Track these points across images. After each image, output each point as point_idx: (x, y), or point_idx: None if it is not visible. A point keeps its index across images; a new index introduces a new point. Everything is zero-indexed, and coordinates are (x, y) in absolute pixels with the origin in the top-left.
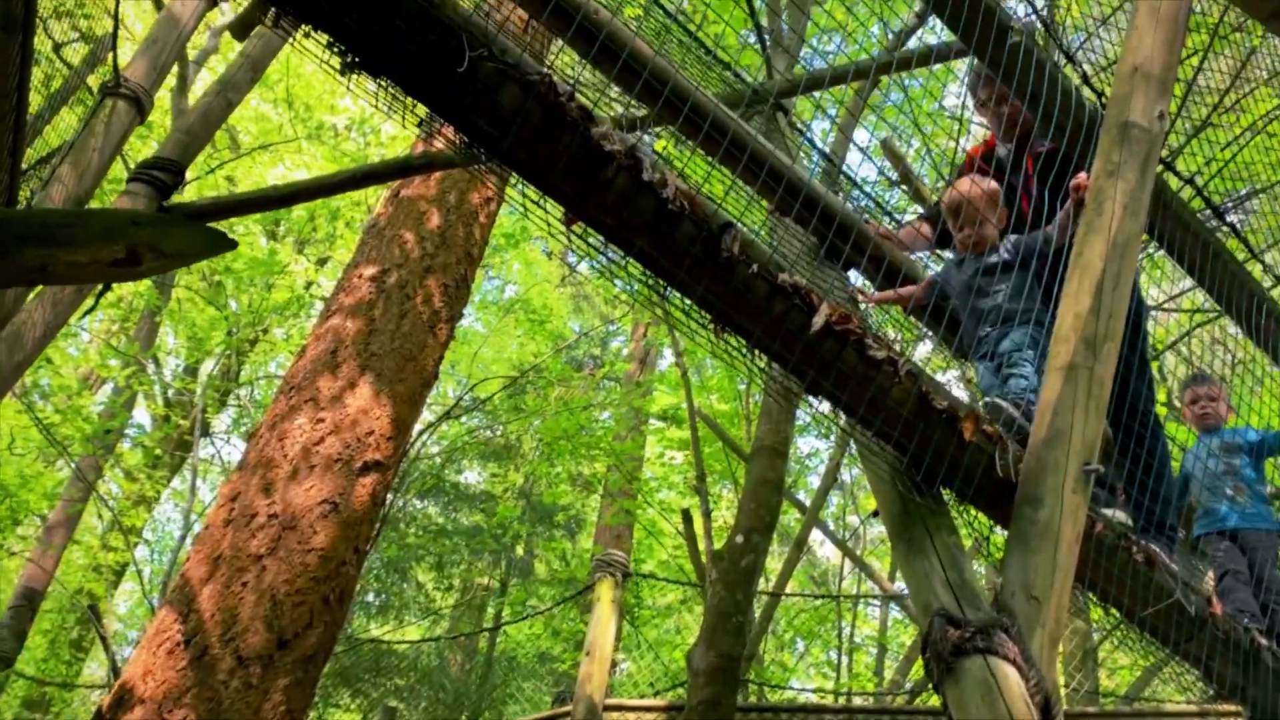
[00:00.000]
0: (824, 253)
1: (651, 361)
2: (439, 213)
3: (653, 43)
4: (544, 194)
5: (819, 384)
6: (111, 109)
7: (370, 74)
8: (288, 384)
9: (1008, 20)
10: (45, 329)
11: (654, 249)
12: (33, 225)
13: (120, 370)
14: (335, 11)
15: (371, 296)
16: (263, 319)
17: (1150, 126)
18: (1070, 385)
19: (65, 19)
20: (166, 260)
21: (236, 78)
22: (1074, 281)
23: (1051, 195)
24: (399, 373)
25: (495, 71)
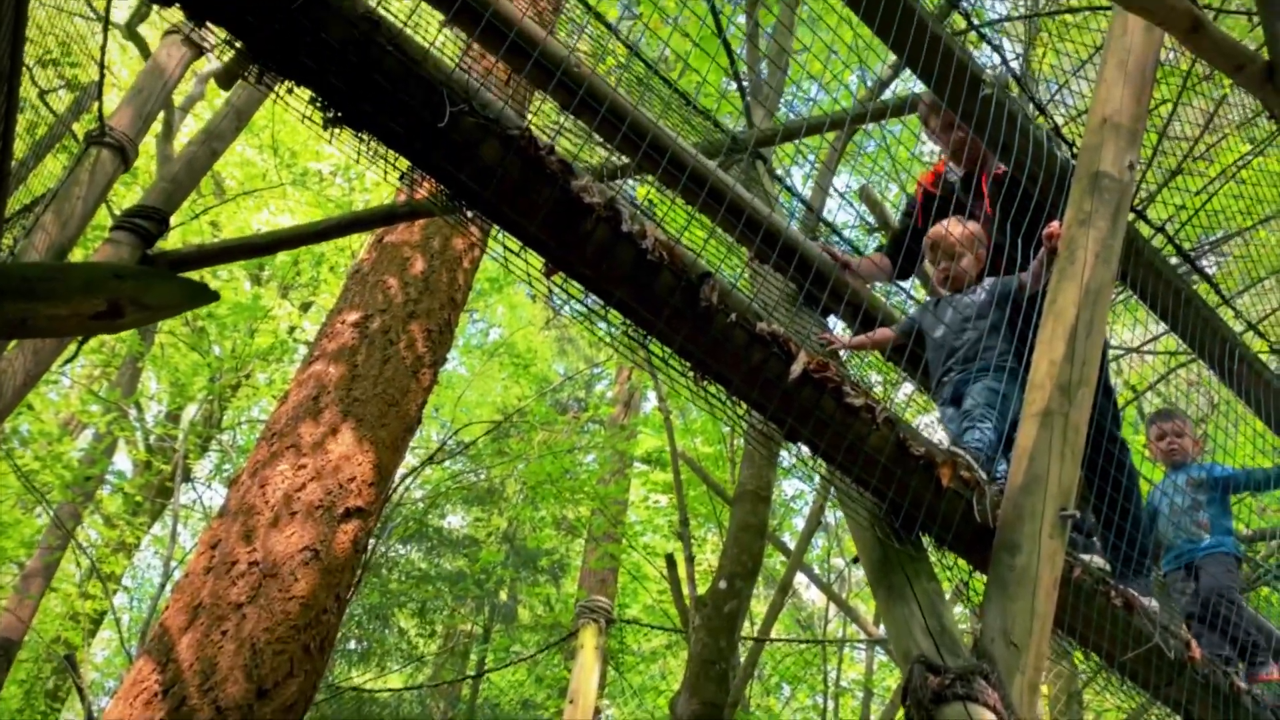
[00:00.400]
0: (802, 299)
1: (636, 404)
2: (423, 258)
3: (633, 91)
4: (525, 245)
5: (797, 431)
6: (96, 157)
7: (353, 129)
8: (269, 430)
9: (979, 73)
10: (26, 377)
11: (633, 299)
12: (12, 279)
13: (101, 416)
14: (318, 70)
15: (355, 342)
16: (246, 364)
17: (1121, 176)
18: (1046, 431)
19: (51, 67)
20: (148, 313)
21: (221, 127)
22: (1048, 328)
23: (1013, 227)
24: (382, 418)
25: (476, 126)
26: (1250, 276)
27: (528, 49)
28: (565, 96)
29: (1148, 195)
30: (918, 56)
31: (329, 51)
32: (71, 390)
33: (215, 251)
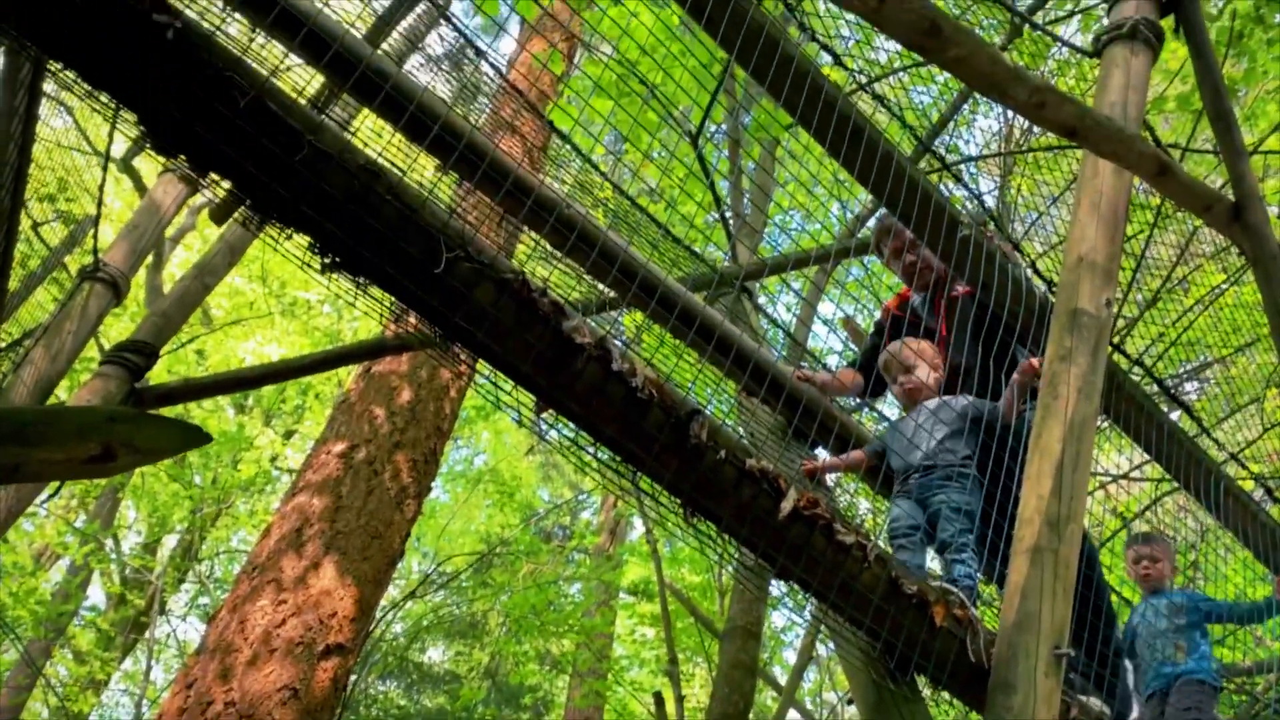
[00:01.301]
0: (791, 433)
1: (621, 532)
2: (410, 388)
3: (620, 228)
4: (516, 384)
5: (789, 569)
6: (89, 292)
7: (349, 274)
8: (251, 564)
9: (957, 215)
10: (7, 514)
11: (623, 435)
12: (7, 424)
13: (78, 548)
14: (318, 218)
15: (339, 473)
16: (228, 495)
17: (1098, 314)
18: (1037, 568)
19: (47, 201)
20: (141, 456)
21: (214, 261)
22: (1034, 464)
23: (982, 348)
24: (364, 551)
25: (471, 271)
26: (1232, 404)
27: (521, 196)
28: (557, 238)
29: (1126, 324)
30: (896, 197)
31: (330, 201)
32: (47, 521)
33: (203, 385)
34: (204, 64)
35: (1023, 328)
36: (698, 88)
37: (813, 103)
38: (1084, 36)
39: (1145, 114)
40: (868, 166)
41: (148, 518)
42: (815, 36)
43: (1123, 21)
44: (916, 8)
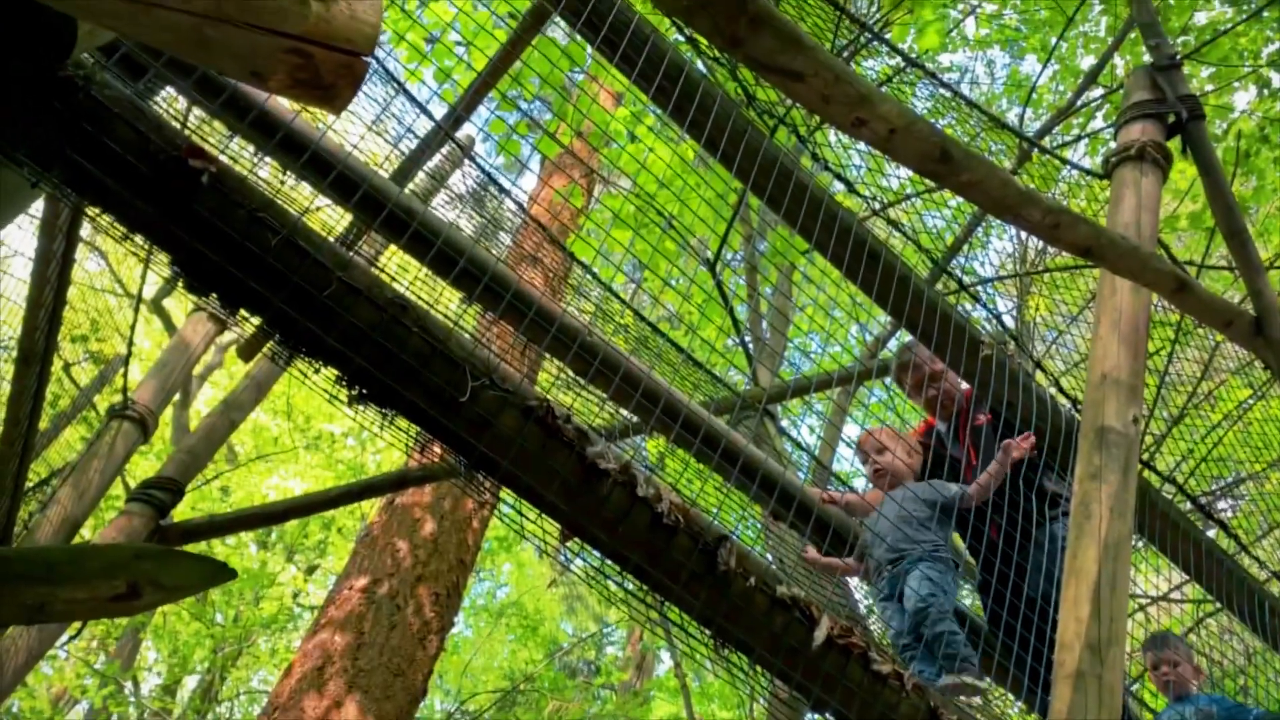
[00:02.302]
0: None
1: (649, 667)
2: (433, 520)
3: (640, 353)
4: (541, 512)
5: (825, 702)
6: (117, 430)
7: (377, 405)
8: (272, 705)
9: (978, 335)
10: (28, 656)
11: (650, 563)
12: (34, 564)
13: (96, 691)
14: (346, 351)
15: (362, 609)
16: (249, 633)
17: (1126, 430)
18: (1080, 694)
19: (79, 342)
20: (166, 593)
21: (241, 398)
22: (1071, 587)
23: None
24: (387, 690)
25: (496, 399)
26: (1270, 520)
27: (545, 325)
28: (580, 365)
29: (1154, 441)
30: (915, 318)
31: (358, 334)
32: (66, 664)
33: (227, 521)
34: (237, 205)
35: (1049, 448)
36: (714, 217)
37: (828, 228)
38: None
39: (1159, 232)
40: (885, 288)
41: (168, 658)
42: (828, 166)
43: (1130, 144)
44: (927, 135)
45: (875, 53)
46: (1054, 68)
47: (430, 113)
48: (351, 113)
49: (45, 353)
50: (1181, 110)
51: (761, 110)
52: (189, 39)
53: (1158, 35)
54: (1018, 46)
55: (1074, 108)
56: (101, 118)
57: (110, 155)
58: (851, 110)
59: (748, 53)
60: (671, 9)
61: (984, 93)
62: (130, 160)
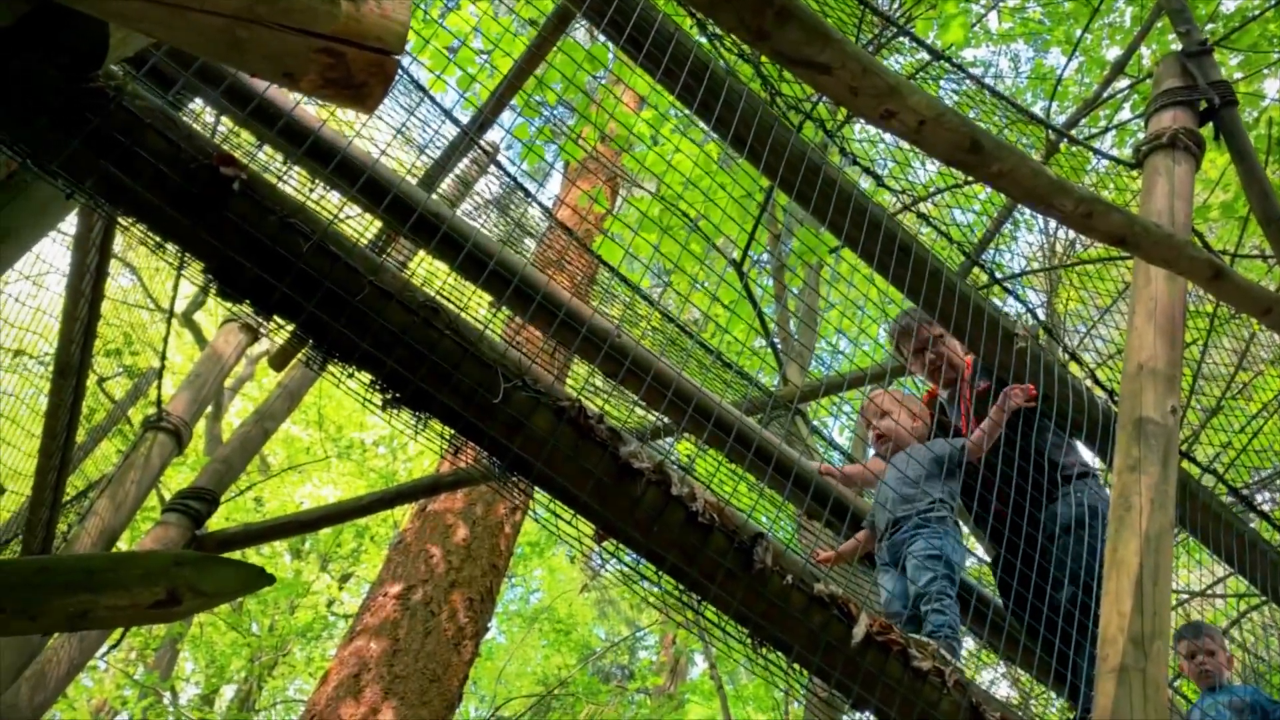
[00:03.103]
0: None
1: (682, 670)
2: (465, 526)
3: (669, 353)
4: (575, 513)
5: (865, 699)
6: (152, 442)
7: (410, 408)
8: (309, 712)
9: (1011, 327)
10: (70, 666)
11: (686, 562)
12: (75, 572)
13: (136, 702)
14: (379, 355)
15: (397, 615)
16: (285, 642)
17: (1164, 421)
18: (1124, 689)
19: (114, 356)
20: (205, 599)
21: (274, 407)
22: (1112, 581)
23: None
24: (423, 695)
25: (528, 400)
26: None
27: (575, 325)
28: (611, 365)
29: (1191, 434)
30: (948, 312)
31: (389, 337)
32: (106, 675)
33: (262, 530)
34: (268, 212)
35: (1087, 439)
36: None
37: (858, 223)
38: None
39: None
40: (917, 282)
41: (205, 668)
42: (856, 160)
43: (1162, 131)
44: (957, 126)
45: (899, 49)
46: (1079, 60)
47: (455, 118)
48: (379, 116)
49: (80, 365)
50: (1214, 96)
51: (788, 105)
52: (221, 41)
53: (1187, 21)
54: (1042, 40)
55: (1101, 99)
56: (133, 128)
57: (143, 165)
58: (880, 102)
59: (774, 46)
60: (697, 3)
61: (1008, 87)
62: (162, 169)
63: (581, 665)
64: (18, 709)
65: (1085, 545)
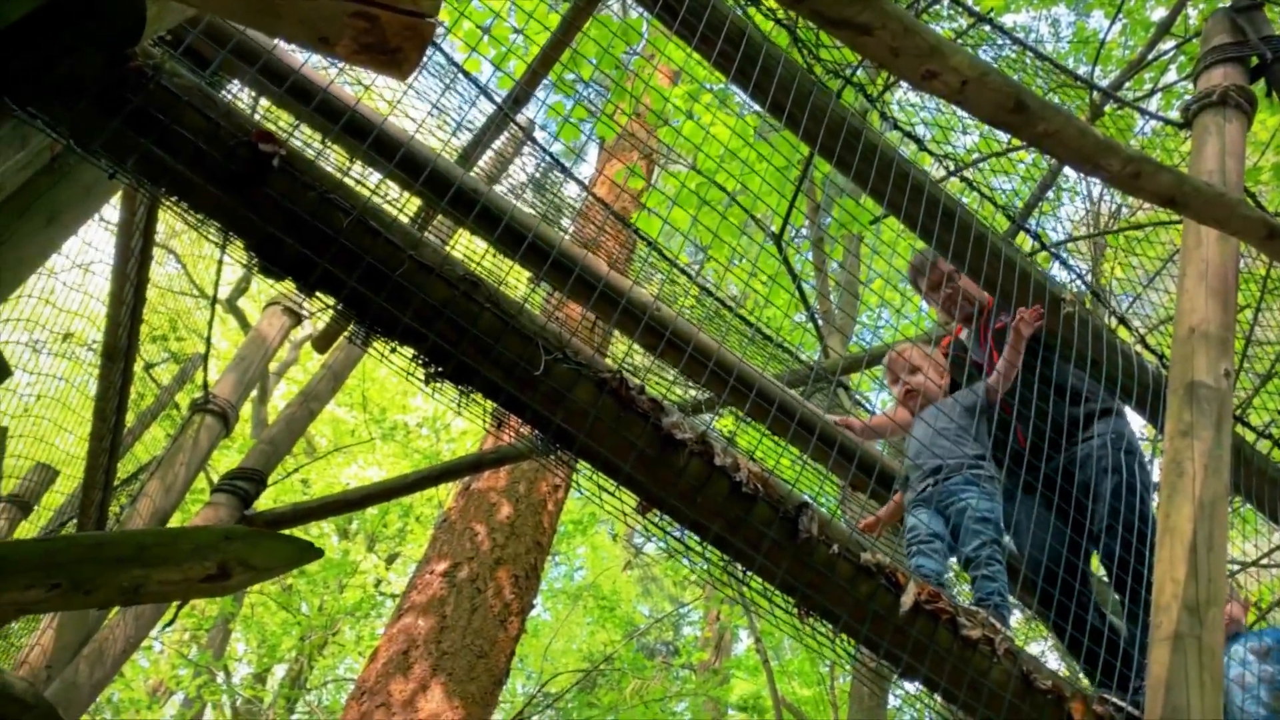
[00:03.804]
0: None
1: (727, 646)
2: (509, 504)
3: (709, 328)
4: (618, 484)
5: (914, 668)
6: (199, 424)
7: (453, 382)
8: (359, 689)
9: (1059, 293)
10: (126, 644)
11: (730, 532)
12: (128, 546)
13: (191, 681)
14: (421, 329)
15: (443, 592)
16: (334, 621)
17: (1217, 385)
18: (1179, 656)
19: (160, 342)
20: (255, 573)
21: (319, 388)
22: (1165, 548)
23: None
24: (470, 671)
25: (569, 372)
26: None
27: (615, 297)
28: (651, 338)
29: (1244, 400)
30: (994, 277)
31: (431, 311)
32: (161, 656)
33: (310, 509)
34: (308, 188)
35: (1137, 404)
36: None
37: (900, 188)
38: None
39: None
40: (962, 248)
41: (257, 648)
42: (897, 125)
43: (1212, 89)
44: (1001, 85)
45: (936, 16)
46: (1123, 22)
47: (490, 94)
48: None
49: (128, 349)
50: (1265, 52)
51: (827, 70)
52: (258, 7)
53: None
54: (1083, 3)
55: (1146, 61)
56: (172, 106)
57: (182, 143)
58: (922, 62)
59: (813, 6)
60: None
61: (1050, 53)
62: (202, 147)
63: (626, 641)
64: (77, 686)
65: (1126, 487)
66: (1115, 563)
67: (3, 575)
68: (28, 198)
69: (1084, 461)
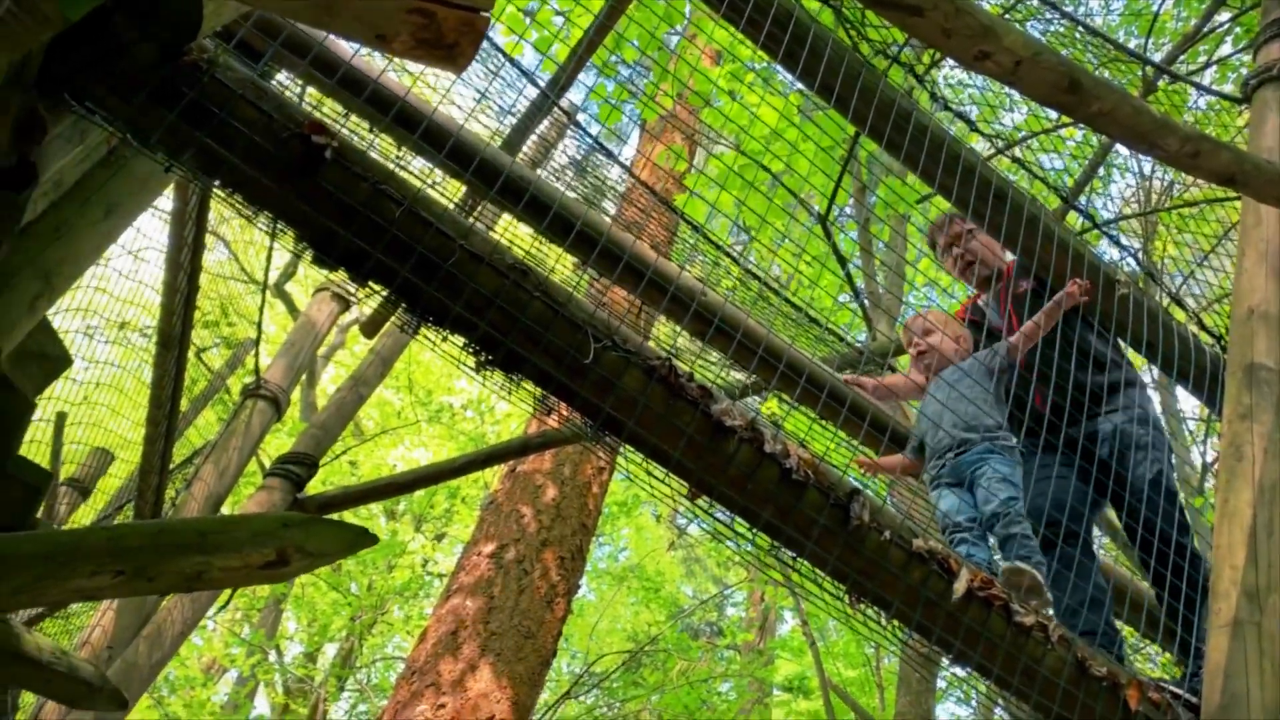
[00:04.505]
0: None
1: (771, 626)
2: (554, 486)
3: (755, 312)
4: (668, 471)
5: (966, 655)
6: (252, 409)
7: (503, 370)
8: (410, 668)
9: (1113, 274)
10: (184, 625)
11: (780, 519)
12: (189, 533)
13: (244, 659)
14: (470, 317)
15: (491, 573)
16: (384, 601)
17: (1278, 367)
18: (1239, 643)
19: (211, 328)
20: (313, 559)
21: (368, 373)
22: (1224, 533)
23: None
24: (518, 651)
25: (619, 359)
26: None
27: (663, 284)
28: (699, 324)
29: None
30: (1047, 259)
31: (481, 300)
32: (214, 635)
33: (360, 492)
34: (360, 179)
35: (1194, 386)
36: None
37: (950, 170)
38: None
39: None
40: (1014, 229)
41: (307, 627)
42: (948, 105)
43: (1272, 63)
44: (1055, 64)
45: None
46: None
47: (535, 80)
48: (463, 80)
49: (183, 336)
50: None
51: (874, 50)
52: (315, 5)
53: None
54: None
55: (1201, 34)
56: (227, 100)
57: (236, 135)
58: (974, 43)
59: None
60: None
61: (1101, 26)
62: (256, 139)
63: (671, 622)
64: (137, 666)
65: (1151, 460)
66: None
67: (70, 563)
68: (86, 191)
69: (1109, 436)
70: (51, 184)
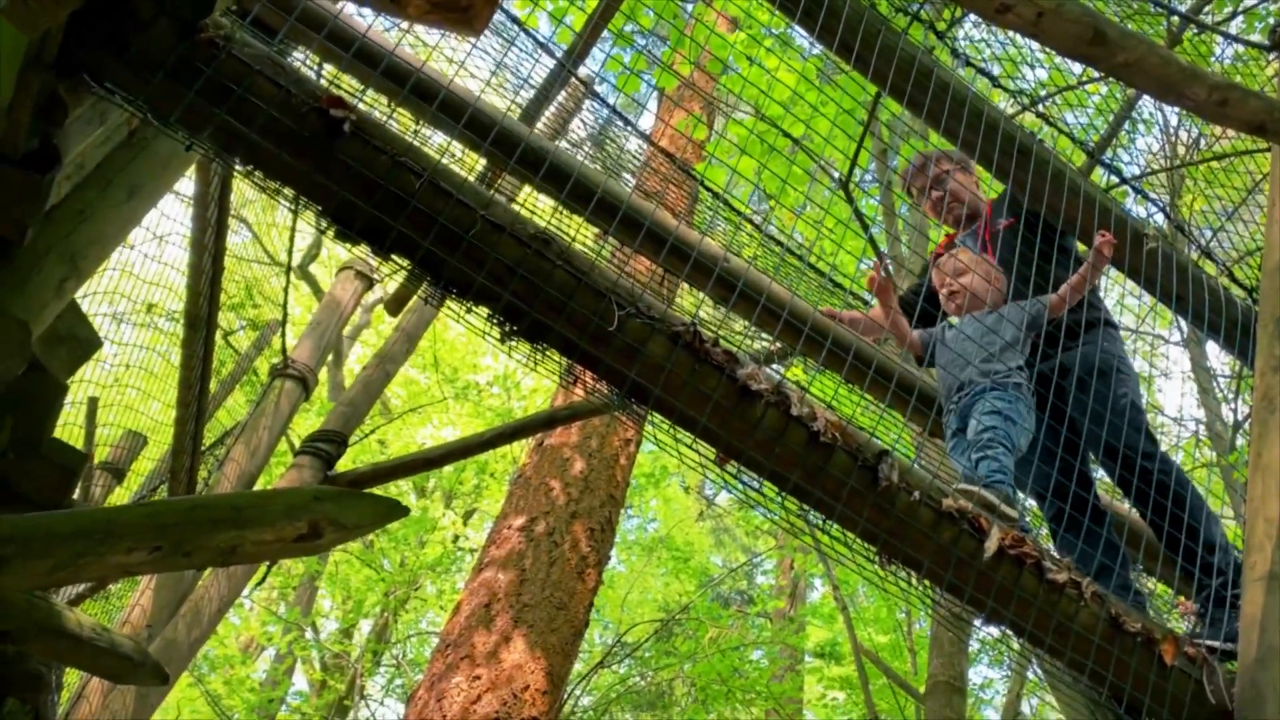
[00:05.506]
0: None
1: (801, 594)
2: (582, 459)
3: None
4: (695, 437)
5: (999, 613)
6: (280, 389)
7: (529, 340)
8: (444, 641)
9: (1141, 228)
10: (221, 603)
11: (809, 482)
12: (223, 508)
13: (281, 637)
14: (494, 287)
15: (522, 546)
16: (416, 576)
17: None
18: (1274, 596)
19: (237, 310)
20: (345, 532)
21: (393, 350)
22: (1256, 485)
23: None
24: (551, 623)
25: (643, 327)
26: None
27: (686, 250)
28: (722, 290)
29: None
30: (1073, 215)
31: (504, 270)
32: (251, 613)
33: (390, 468)
34: (379, 152)
35: (1225, 339)
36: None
37: (974, 127)
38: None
39: None
40: (1039, 185)
41: (342, 604)
42: (970, 61)
43: None
44: (1078, 16)
45: None
46: None
47: (551, 49)
48: (480, 49)
49: (209, 317)
50: None
51: (893, 6)
52: None
53: None
54: None
55: None
56: (244, 76)
57: (255, 111)
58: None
59: None
60: None
61: None
62: (274, 115)
63: (701, 591)
64: (176, 644)
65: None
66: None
67: (107, 539)
68: (109, 173)
69: (1073, 364)
70: (74, 166)
